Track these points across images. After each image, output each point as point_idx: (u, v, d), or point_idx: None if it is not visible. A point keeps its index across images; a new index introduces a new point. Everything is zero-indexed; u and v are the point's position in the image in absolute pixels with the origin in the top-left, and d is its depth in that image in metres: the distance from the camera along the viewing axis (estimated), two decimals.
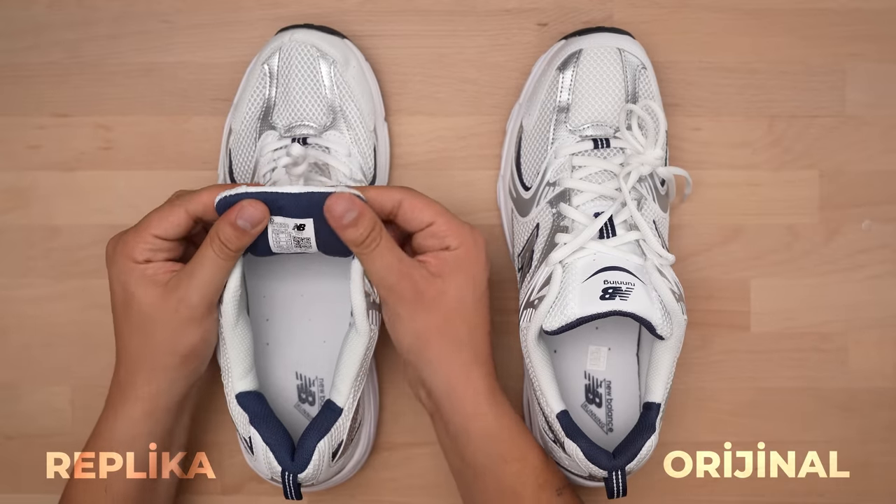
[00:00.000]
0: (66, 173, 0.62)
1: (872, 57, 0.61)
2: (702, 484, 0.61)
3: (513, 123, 0.60)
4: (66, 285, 0.62)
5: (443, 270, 0.50)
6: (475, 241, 0.51)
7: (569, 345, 0.57)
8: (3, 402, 0.62)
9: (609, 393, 0.57)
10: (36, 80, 0.62)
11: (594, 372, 0.57)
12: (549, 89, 0.57)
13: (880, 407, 0.61)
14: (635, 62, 0.57)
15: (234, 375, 0.51)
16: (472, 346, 0.52)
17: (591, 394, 0.57)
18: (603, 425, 0.56)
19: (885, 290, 0.61)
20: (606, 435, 0.56)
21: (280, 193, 0.48)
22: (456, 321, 0.51)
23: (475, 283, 0.51)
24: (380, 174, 0.59)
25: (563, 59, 0.57)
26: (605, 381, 0.57)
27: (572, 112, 0.57)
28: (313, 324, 0.57)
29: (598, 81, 0.56)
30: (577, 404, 0.57)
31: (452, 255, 0.50)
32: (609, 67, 0.56)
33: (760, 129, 0.61)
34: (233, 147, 0.58)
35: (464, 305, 0.51)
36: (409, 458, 0.62)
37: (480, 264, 0.52)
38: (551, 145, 0.57)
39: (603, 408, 0.57)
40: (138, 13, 0.62)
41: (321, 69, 0.57)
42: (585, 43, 0.57)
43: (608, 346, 0.57)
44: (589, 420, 0.56)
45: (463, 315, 0.51)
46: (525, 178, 0.58)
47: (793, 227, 0.61)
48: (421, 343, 0.51)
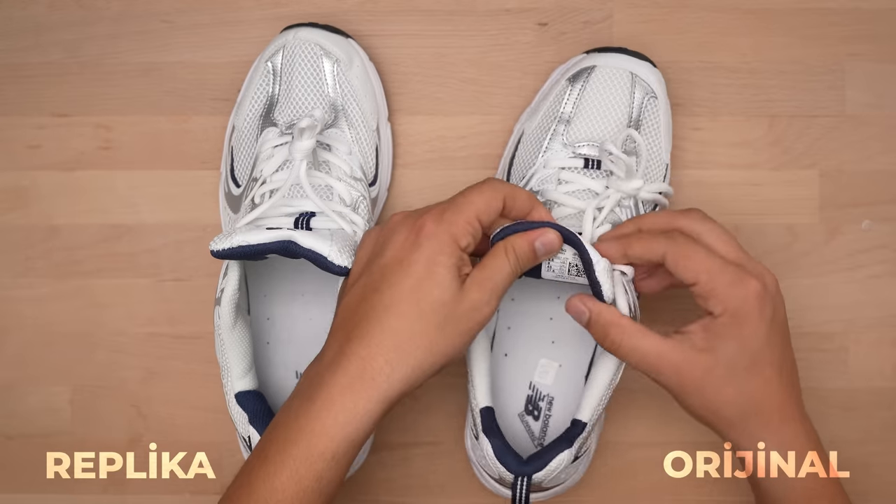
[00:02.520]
0: (66, 173, 0.62)
1: (872, 57, 0.61)
2: (702, 484, 0.61)
3: (518, 126, 0.60)
4: (66, 285, 0.62)
5: (710, 344, 0.47)
6: (744, 300, 0.47)
7: (521, 352, 0.57)
8: (3, 402, 0.62)
9: (549, 409, 0.57)
10: (36, 80, 0.62)
11: (540, 385, 0.57)
12: (555, 99, 0.57)
13: (880, 407, 0.61)
14: (647, 88, 0.57)
15: (234, 375, 0.51)
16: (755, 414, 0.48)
17: (531, 405, 0.57)
18: (535, 439, 0.56)
19: (885, 290, 0.61)
20: (535, 449, 0.56)
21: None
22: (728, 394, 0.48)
23: (748, 345, 0.47)
24: (382, 174, 0.59)
25: (576, 73, 0.57)
26: (548, 395, 0.57)
27: (572, 126, 0.56)
28: (313, 323, 0.57)
29: (603, 101, 0.56)
30: (515, 412, 0.57)
31: (718, 323, 0.47)
32: (617, 89, 0.56)
33: (760, 128, 0.61)
34: (235, 144, 0.58)
35: (736, 374, 0.47)
36: (406, 459, 0.62)
37: (754, 322, 0.47)
38: (543, 154, 0.57)
39: (539, 421, 0.56)
40: (138, 13, 0.62)
41: (324, 67, 0.57)
42: (601, 60, 0.57)
43: (560, 363, 0.57)
44: (521, 430, 0.56)
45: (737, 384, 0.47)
46: (512, 181, 0.58)
47: (793, 227, 0.61)
48: (700, 419, 0.50)
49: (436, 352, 0.45)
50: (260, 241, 0.48)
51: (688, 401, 0.49)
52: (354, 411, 0.43)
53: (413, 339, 0.44)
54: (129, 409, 0.62)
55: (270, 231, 0.49)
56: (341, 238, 0.50)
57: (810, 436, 0.50)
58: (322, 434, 0.43)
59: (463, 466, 0.61)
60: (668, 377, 0.48)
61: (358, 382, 0.44)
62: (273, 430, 0.45)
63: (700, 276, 0.47)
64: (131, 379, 0.62)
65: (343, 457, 0.43)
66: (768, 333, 0.48)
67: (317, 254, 0.48)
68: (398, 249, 0.46)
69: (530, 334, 0.57)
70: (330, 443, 0.43)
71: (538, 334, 0.57)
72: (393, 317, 0.45)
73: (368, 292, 0.46)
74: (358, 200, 0.55)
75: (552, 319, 0.57)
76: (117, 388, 0.62)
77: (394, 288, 0.45)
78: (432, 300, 0.45)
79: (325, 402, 0.44)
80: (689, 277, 0.48)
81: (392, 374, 0.44)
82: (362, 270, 0.48)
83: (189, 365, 0.61)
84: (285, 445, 0.43)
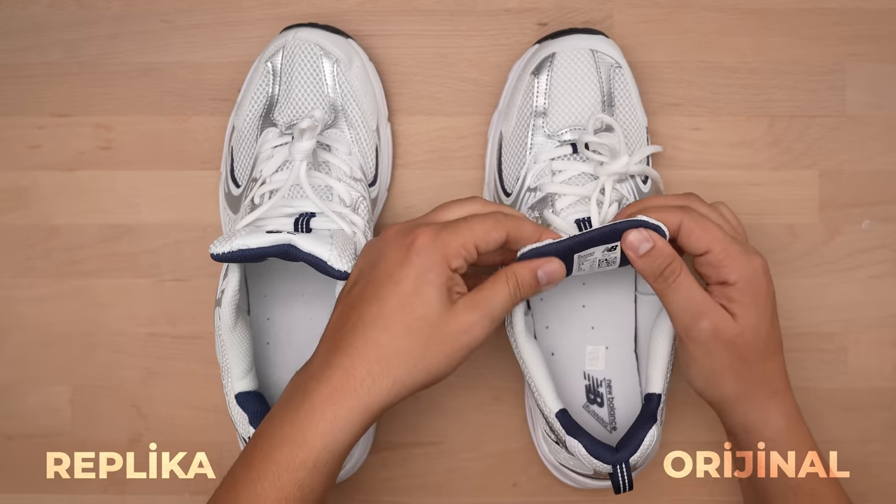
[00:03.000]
0: (66, 173, 0.62)
1: (872, 57, 0.61)
2: (702, 484, 0.61)
3: (493, 131, 0.60)
4: (66, 285, 0.62)
5: (734, 310, 0.49)
6: (754, 271, 0.49)
7: (566, 346, 0.57)
8: (3, 402, 0.62)
9: (610, 392, 0.57)
10: (36, 80, 0.62)
11: (593, 372, 0.57)
12: (524, 95, 0.57)
13: (879, 407, 0.61)
14: (609, 62, 0.57)
15: (234, 376, 0.51)
16: (766, 382, 0.50)
17: (592, 394, 0.57)
18: (606, 424, 0.56)
19: (885, 290, 0.61)
20: (611, 433, 0.56)
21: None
22: (750, 359, 0.49)
23: (764, 318, 0.49)
24: (381, 174, 0.59)
25: (538, 64, 0.57)
26: (605, 380, 0.57)
27: (549, 117, 0.56)
28: (313, 324, 0.57)
29: (573, 85, 0.56)
30: (579, 405, 0.57)
31: (736, 290, 0.48)
32: (583, 70, 0.56)
33: (760, 128, 0.61)
34: (235, 145, 0.58)
35: (758, 343, 0.49)
36: (407, 458, 0.62)
37: (764, 296, 0.49)
38: (530, 151, 0.57)
39: (605, 407, 0.57)
40: (138, 13, 0.62)
41: (324, 67, 0.57)
42: (558, 46, 0.57)
43: (605, 346, 0.57)
44: (592, 420, 0.56)
45: (756, 351, 0.49)
46: (506, 184, 0.58)
47: (793, 227, 0.61)
48: (713, 384, 0.51)
49: (420, 368, 0.45)
50: (260, 244, 0.48)
51: (711, 360, 0.49)
52: (335, 421, 0.44)
53: (397, 353, 0.45)
54: (129, 409, 0.62)
55: (270, 235, 0.49)
56: (341, 241, 0.50)
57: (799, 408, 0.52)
58: (303, 443, 0.44)
59: (462, 466, 0.61)
60: (706, 328, 0.48)
61: (339, 393, 0.44)
62: (258, 438, 0.45)
63: (713, 245, 0.48)
64: (131, 379, 0.62)
65: (324, 466, 0.44)
66: (773, 310, 0.50)
67: (316, 258, 0.48)
68: (389, 263, 0.46)
69: (569, 327, 0.57)
70: (311, 452, 0.44)
71: (576, 324, 0.57)
72: (378, 330, 0.45)
73: (358, 304, 0.46)
74: (358, 201, 0.55)
75: (584, 307, 0.57)
76: (117, 388, 0.62)
77: (381, 301, 0.45)
78: (418, 317, 0.45)
79: (307, 411, 0.44)
80: (702, 246, 0.49)
81: (374, 386, 0.44)
82: (356, 280, 0.48)
83: (189, 365, 0.61)
84: (269, 452, 0.44)
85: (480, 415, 0.61)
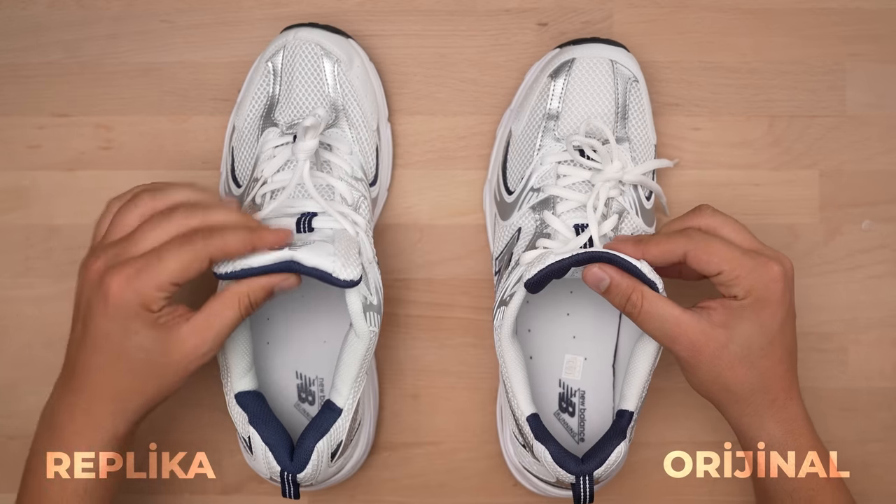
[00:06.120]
0: (66, 173, 0.62)
1: (872, 57, 0.61)
2: (702, 484, 0.61)
3: (503, 129, 0.60)
4: (66, 285, 0.62)
5: (728, 321, 0.49)
6: (769, 281, 0.49)
7: (545, 352, 0.57)
8: (3, 402, 0.62)
9: (582, 403, 0.57)
10: (36, 80, 0.62)
11: (569, 381, 0.57)
12: (539, 96, 0.57)
13: (879, 407, 0.61)
14: (627, 74, 0.57)
15: (234, 375, 0.51)
16: (763, 389, 0.50)
17: (565, 402, 0.57)
18: (574, 434, 0.57)
19: (885, 290, 0.61)
20: (578, 444, 0.56)
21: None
22: (739, 368, 0.49)
23: (766, 327, 0.49)
24: (382, 174, 0.59)
25: (556, 68, 0.57)
26: (579, 390, 0.57)
27: (561, 120, 0.56)
28: (313, 323, 0.57)
29: (589, 92, 0.56)
30: (551, 412, 0.57)
31: (739, 304, 0.49)
32: (600, 78, 0.56)
33: (760, 128, 0.61)
34: (235, 145, 0.58)
35: (751, 353, 0.49)
36: (408, 459, 0.62)
37: (774, 305, 0.49)
38: (538, 152, 0.57)
39: (575, 417, 0.57)
40: (138, 13, 0.62)
41: (325, 67, 0.57)
42: (579, 52, 0.57)
43: (584, 356, 0.57)
44: (560, 428, 0.57)
45: (750, 362, 0.49)
46: (509, 182, 0.58)
47: (793, 227, 0.61)
48: (706, 392, 0.51)
49: (158, 393, 0.48)
50: (262, 263, 0.48)
51: (698, 373, 0.50)
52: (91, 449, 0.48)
53: (130, 391, 0.48)
54: None
55: (272, 253, 0.48)
56: (344, 245, 0.50)
57: (806, 416, 0.52)
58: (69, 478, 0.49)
59: (463, 466, 0.61)
60: (683, 347, 0.49)
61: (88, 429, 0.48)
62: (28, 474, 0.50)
63: (722, 266, 0.49)
64: None
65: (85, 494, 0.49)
66: (784, 317, 0.50)
67: (321, 271, 0.48)
68: (96, 315, 0.47)
69: (551, 333, 0.58)
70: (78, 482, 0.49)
71: (558, 332, 0.58)
72: (107, 376, 0.47)
73: (84, 349, 0.48)
74: (359, 200, 0.55)
75: (569, 315, 0.58)
76: None
77: (103, 353, 0.47)
78: (138, 360, 0.47)
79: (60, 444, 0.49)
80: (713, 269, 0.49)
81: (116, 419, 0.48)
82: (77, 317, 0.49)
83: None
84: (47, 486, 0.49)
85: (480, 415, 0.61)
